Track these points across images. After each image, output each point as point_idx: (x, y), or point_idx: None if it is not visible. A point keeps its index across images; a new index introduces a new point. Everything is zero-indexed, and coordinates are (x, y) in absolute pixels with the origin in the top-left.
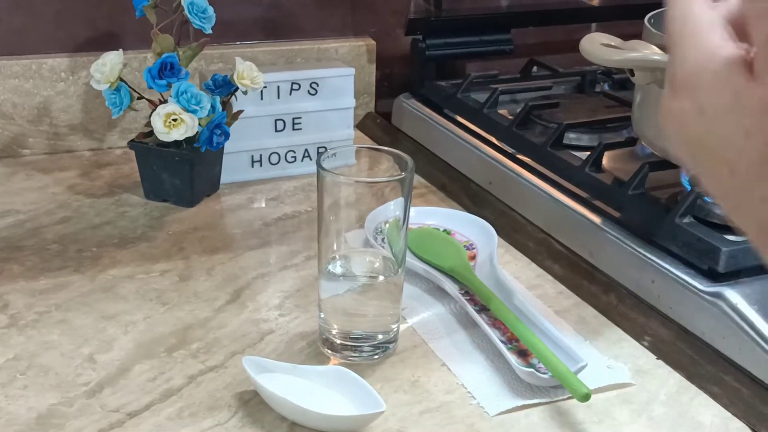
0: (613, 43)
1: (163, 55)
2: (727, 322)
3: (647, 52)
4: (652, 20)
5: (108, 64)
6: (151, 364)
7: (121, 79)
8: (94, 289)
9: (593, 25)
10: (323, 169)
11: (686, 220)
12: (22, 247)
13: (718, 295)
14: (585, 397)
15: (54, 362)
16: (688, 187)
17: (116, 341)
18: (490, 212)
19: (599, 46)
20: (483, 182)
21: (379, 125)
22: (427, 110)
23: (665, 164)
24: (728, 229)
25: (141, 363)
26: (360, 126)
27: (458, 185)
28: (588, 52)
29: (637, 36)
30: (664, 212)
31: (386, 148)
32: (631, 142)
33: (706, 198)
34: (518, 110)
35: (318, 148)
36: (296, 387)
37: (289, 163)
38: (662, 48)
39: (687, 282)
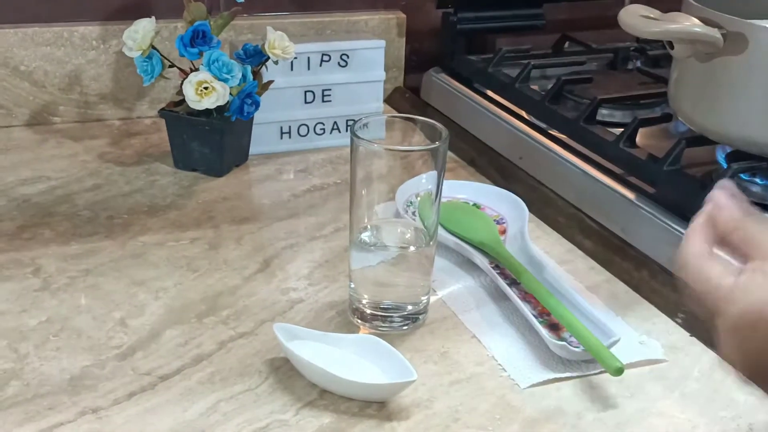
0: (652, 15)
1: (195, 23)
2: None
3: (687, 23)
4: None
5: (140, 31)
6: (182, 329)
7: (153, 47)
8: (124, 255)
9: (626, 0)
10: (357, 137)
11: None
12: (54, 213)
13: None
14: (618, 371)
15: (86, 325)
16: (724, 165)
17: (147, 306)
18: (520, 187)
19: (638, 18)
20: (513, 157)
21: (407, 99)
22: (457, 84)
23: (702, 140)
24: (765, 207)
25: (172, 328)
26: (388, 100)
27: (487, 160)
28: (627, 23)
29: (671, 11)
30: (700, 189)
31: (420, 118)
32: (666, 118)
33: (743, 175)
34: (549, 86)
35: (347, 120)
36: (327, 354)
37: (318, 135)
38: (703, 20)
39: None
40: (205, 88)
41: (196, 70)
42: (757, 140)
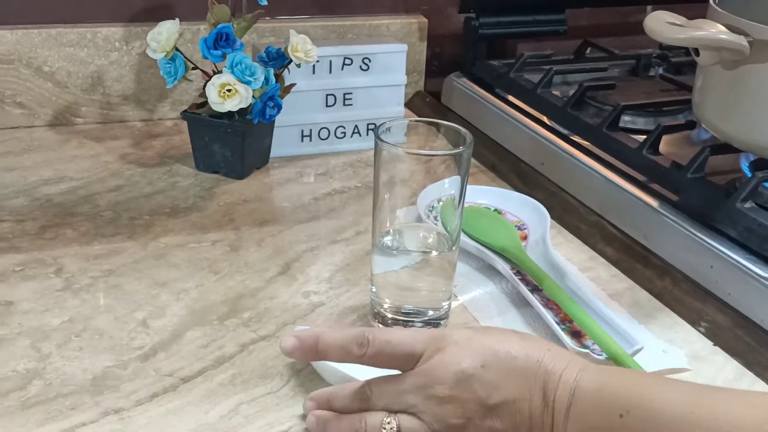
0: (678, 22)
1: (219, 26)
2: None
3: (713, 30)
4: (717, 0)
5: (164, 33)
6: (204, 331)
7: (177, 49)
8: (146, 256)
9: (649, 7)
10: (381, 140)
11: (747, 205)
12: (76, 213)
13: None
14: None
15: (108, 326)
16: (749, 174)
17: (169, 308)
18: (541, 193)
19: (664, 24)
20: (534, 163)
21: (428, 104)
22: (478, 89)
23: (726, 148)
24: None
25: (193, 330)
26: (409, 104)
27: (508, 165)
28: (653, 29)
29: (696, 18)
30: (724, 197)
31: (444, 122)
32: (690, 125)
33: (766, 184)
34: (571, 92)
35: (368, 124)
36: None
37: (339, 139)
38: (728, 27)
39: (747, 268)
40: (228, 91)
41: (219, 72)
42: None
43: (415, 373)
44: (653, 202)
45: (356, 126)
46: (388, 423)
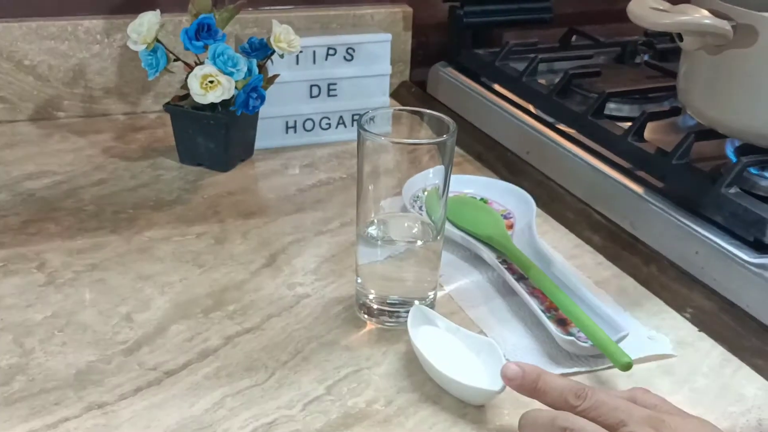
0: (661, 7)
1: (200, 17)
2: None
3: (697, 15)
4: None
5: (145, 24)
6: (188, 324)
7: (158, 40)
8: (130, 250)
9: None
10: (365, 130)
11: (732, 190)
12: (59, 207)
13: (765, 267)
14: (626, 366)
15: (92, 320)
16: (734, 159)
17: (153, 301)
18: (527, 181)
19: (648, 9)
20: (520, 151)
21: (414, 94)
22: (464, 78)
23: (711, 134)
24: None
25: (178, 323)
26: (394, 95)
27: (495, 154)
28: (636, 15)
29: (682, 3)
30: (710, 183)
31: (427, 111)
32: (675, 111)
33: (752, 169)
34: (556, 80)
35: (353, 114)
36: (448, 345)
37: (324, 130)
38: (712, 12)
39: (732, 253)
40: (210, 82)
41: (201, 63)
42: (766, 134)
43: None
44: (639, 189)
45: (341, 117)
46: None
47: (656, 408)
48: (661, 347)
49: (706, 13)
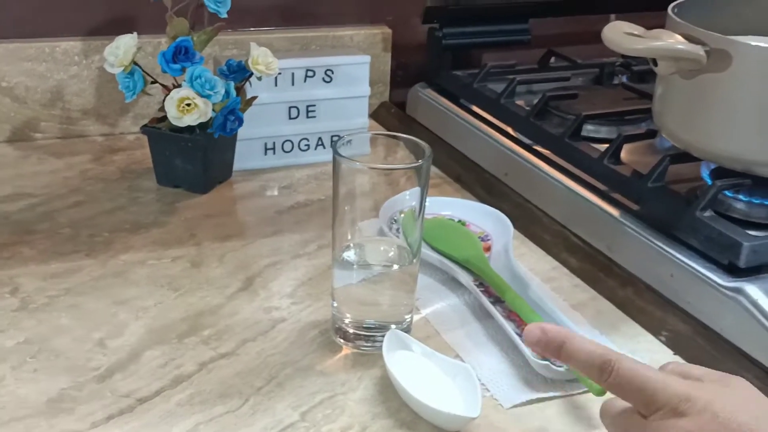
0: (636, 32)
1: (178, 39)
2: (747, 317)
3: (671, 41)
4: (676, 9)
5: (122, 47)
6: (162, 350)
7: (135, 63)
8: (105, 274)
9: (612, 15)
10: (339, 155)
11: (707, 213)
12: (34, 230)
13: (739, 291)
14: (601, 392)
15: (65, 346)
16: (709, 181)
17: (127, 327)
18: (506, 203)
19: (622, 35)
20: (499, 173)
21: (393, 115)
22: (443, 100)
23: (686, 157)
24: (749, 224)
25: (152, 349)
26: (374, 115)
27: (473, 176)
28: (611, 40)
29: (657, 28)
30: (685, 206)
31: (403, 135)
32: (651, 134)
33: (727, 192)
34: (535, 101)
35: (332, 136)
36: (423, 370)
37: (303, 151)
38: (686, 37)
39: (707, 276)
40: (188, 105)
41: (179, 86)
42: (741, 157)
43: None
44: (615, 212)
45: (320, 138)
46: None
47: (690, 377)
48: None
49: (679, 38)
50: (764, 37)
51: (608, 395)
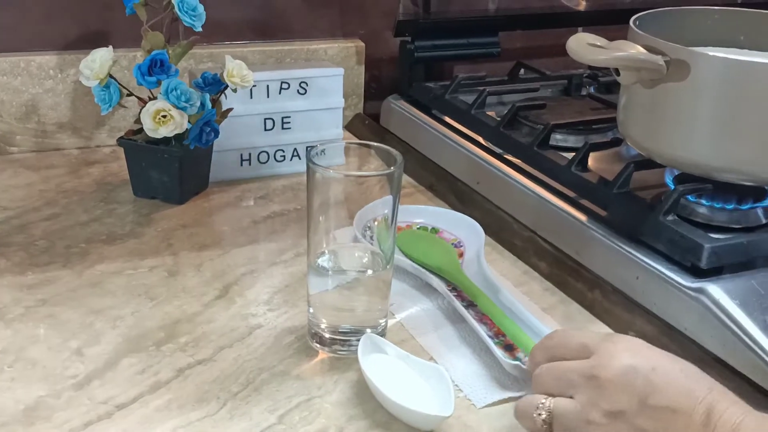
0: (599, 43)
1: (153, 52)
2: (710, 317)
3: (633, 51)
4: (638, 22)
5: (98, 60)
6: (139, 357)
7: (111, 76)
8: (81, 285)
9: (579, 29)
10: (313, 163)
11: (670, 218)
12: (10, 243)
13: (701, 291)
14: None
15: (41, 355)
16: (672, 186)
17: (104, 335)
18: (478, 211)
19: (586, 46)
20: (470, 182)
21: (367, 126)
22: (416, 111)
23: (650, 164)
24: (711, 227)
25: (129, 356)
26: (348, 127)
27: (446, 185)
28: (574, 51)
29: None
30: (649, 211)
31: (375, 144)
32: (617, 142)
33: (689, 197)
34: (505, 112)
35: (307, 147)
36: (398, 372)
37: (278, 162)
38: (648, 48)
39: (671, 278)
40: (163, 117)
41: (155, 98)
42: (701, 163)
43: (586, 359)
44: (583, 218)
45: (295, 149)
46: (542, 404)
47: (585, 349)
48: None
49: (640, 48)
50: (721, 48)
51: None
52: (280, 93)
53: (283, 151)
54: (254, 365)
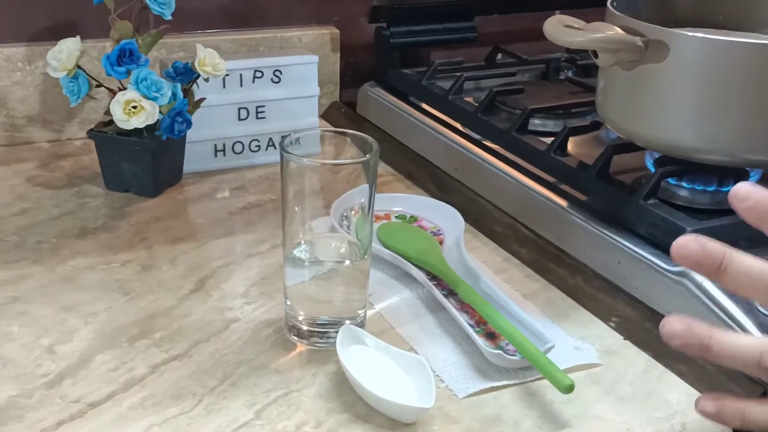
0: (576, 25)
1: (122, 42)
2: (693, 301)
3: (610, 32)
4: (615, 3)
5: (65, 51)
6: (113, 354)
7: (79, 67)
8: (53, 280)
9: (557, 12)
10: (287, 152)
11: (651, 201)
12: None
13: (684, 275)
14: (569, 389)
15: (13, 354)
16: (652, 170)
17: (77, 332)
18: (457, 198)
19: (562, 28)
20: (449, 169)
21: (344, 114)
22: (392, 98)
23: (630, 147)
24: (692, 210)
25: (102, 353)
26: (325, 115)
27: (424, 172)
28: (551, 33)
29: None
30: (629, 194)
31: (351, 132)
32: (596, 126)
33: (670, 180)
34: (483, 97)
35: (282, 136)
36: (378, 364)
37: (253, 152)
38: (626, 29)
39: (653, 262)
40: (134, 107)
41: (125, 89)
42: (681, 145)
43: None
44: (563, 203)
45: (270, 139)
46: None
47: None
48: (587, 357)
49: (618, 30)
50: (699, 29)
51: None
52: (253, 82)
53: (258, 141)
54: (231, 359)
